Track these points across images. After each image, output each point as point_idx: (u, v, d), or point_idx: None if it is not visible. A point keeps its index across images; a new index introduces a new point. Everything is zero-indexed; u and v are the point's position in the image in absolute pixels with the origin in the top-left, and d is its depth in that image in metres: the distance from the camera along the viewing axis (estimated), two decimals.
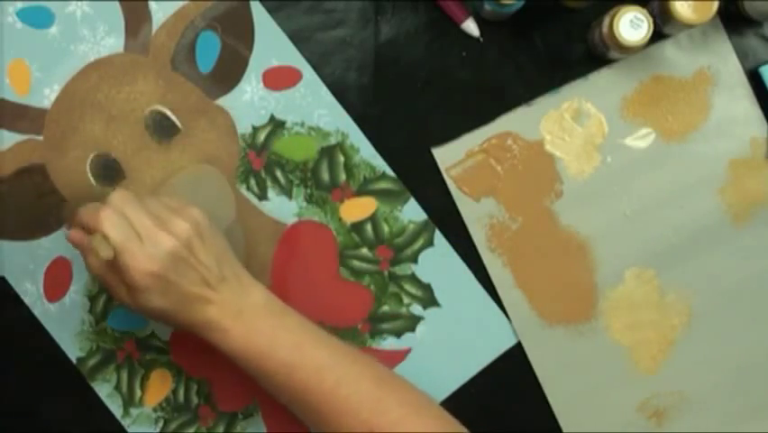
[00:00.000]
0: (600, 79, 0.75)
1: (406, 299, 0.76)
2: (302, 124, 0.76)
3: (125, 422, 0.78)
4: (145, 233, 0.62)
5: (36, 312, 0.78)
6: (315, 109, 0.76)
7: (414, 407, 0.64)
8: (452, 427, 0.65)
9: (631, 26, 0.69)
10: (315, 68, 0.76)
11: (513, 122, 0.75)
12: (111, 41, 0.76)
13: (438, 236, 0.76)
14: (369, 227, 0.76)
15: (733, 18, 0.74)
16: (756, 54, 0.75)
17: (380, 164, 0.76)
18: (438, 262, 0.76)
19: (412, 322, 0.77)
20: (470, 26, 0.75)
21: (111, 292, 0.65)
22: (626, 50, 0.71)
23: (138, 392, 0.78)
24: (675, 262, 0.76)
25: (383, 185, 0.76)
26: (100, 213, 0.62)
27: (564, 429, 0.76)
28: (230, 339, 0.64)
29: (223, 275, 0.65)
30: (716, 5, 0.68)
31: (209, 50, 0.76)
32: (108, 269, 0.64)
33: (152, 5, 0.75)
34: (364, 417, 0.61)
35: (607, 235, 0.76)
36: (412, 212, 0.76)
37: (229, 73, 0.76)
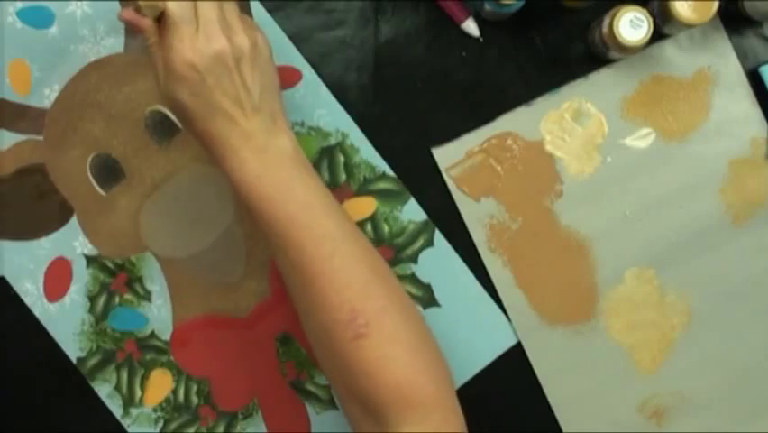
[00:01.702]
0: (600, 79, 0.75)
1: None
2: (302, 124, 0.76)
3: (125, 422, 0.78)
4: (205, 26, 0.59)
5: (36, 312, 0.78)
6: (315, 109, 0.76)
7: (397, 302, 0.62)
8: (422, 332, 0.63)
9: (631, 26, 0.69)
10: (315, 68, 0.76)
11: (513, 122, 0.75)
12: (111, 41, 0.76)
13: (438, 236, 0.76)
14: (369, 227, 0.76)
15: (733, 18, 0.74)
16: (756, 54, 0.75)
17: (380, 164, 0.76)
18: (438, 262, 0.76)
19: None
20: (470, 26, 0.75)
21: (152, 68, 0.63)
22: (626, 50, 0.71)
23: (138, 392, 0.78)
24: (675, 262, 0.76)
25: (383, 185, 0.76)
26: None
27: (564, 429, 0.76)
28: (243, 171, 0.61)
29: (259, 106, 0.62)
30: (716, 5, 0.68)
31: None
32: (157, 43, 0.61)
33: None
34: (348, 295, 0.60)
35: (607, 235, 0.76)
36: (412, 212, 0.76)
37: None
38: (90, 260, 0.78)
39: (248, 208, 0.62)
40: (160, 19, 0.61)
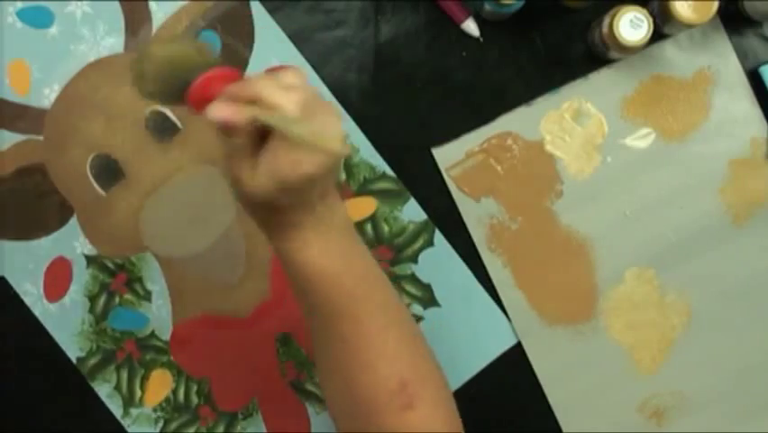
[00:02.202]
0: (600, 79, 0.75)
1: (406, 299, 0.76)
2: None
3: (125, 422, 0.78)
4: (321, 124, 0.53)
5: (36, 312, 0.78)
6: None
7: (434, 367, 0.62)
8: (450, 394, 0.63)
9: (631, 26, 0.69)
10: (315, 68, 0.76)
11: (513, 122, 0.75)
12: (111, 41, 0.76)
13: (438, 236, 0.76)
14: (369, 227, 0.76)
15: (733, 18, 0.74)
16: (756, 54, 0.75)
17: (380, 164, 0.76)
18: (438, 262, 0.76)
19: None
20: (470, 26, 0.75)
21: (228, 159, 0.56)
22: (626, 50, 0.71)
23: (138, 392, 0.78)
24: (675, 262, 0.76)
25: (383, 185, 0.76)
26: (289, 95, 0.52)
27: (564, 429, 0.76)
28: (307, 252, 0.57)
29: (333, 188, 0.59)
30: (716, 5, 0.68)
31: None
32: (249, 145, 0.54)
33: (152, 5, 0.75)
34: (398, 366, 0.59)
35: (607, 235, 0.76)
36: (412, 212, 0.76)
37: None
38: (90, 260, 0.78)
39: (303, 286, 0.59)
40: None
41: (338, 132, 0.54)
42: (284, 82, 0.53)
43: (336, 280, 0.59)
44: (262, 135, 0.53)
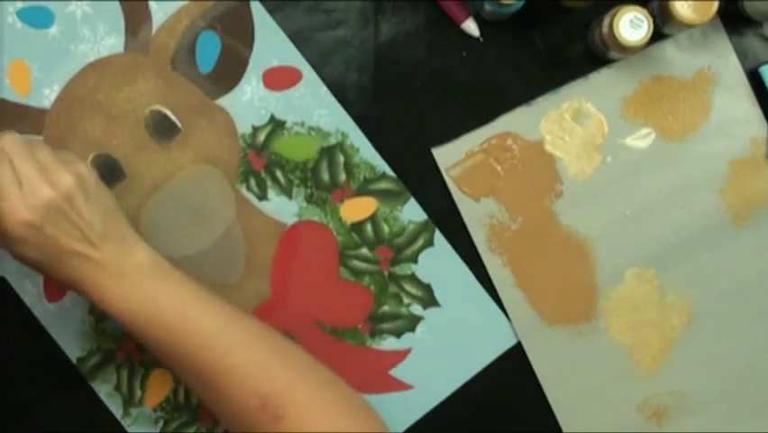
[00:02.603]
0: (600, 79, 0.75)
1: (406, 299, 0.76)
2: (302, 124, 0.76)
3: (125, 422, 0.78)
4: (26, 181, 0.59)
5: (36, 312, 0.78)
6: (315, 109, 0.76)
7: (302, 372, 0.63)
8: (340, 390, 0.64)
9: (631, 26, 0.69)
10: (315, 68, 0.76)
11: (513, 122, 0.75)
12: (111, 41, 0.76)
13: (438, 236, 0.76)
14: (369, 227, 0.76)
15: (733, 18, 0.74)
16: (756, 54, 0.75)
17: (380, 164, 0.76)
18: (438, 262, 0.76)
19: (412, 322, 0.76)
20: (470, 26, 0.75)
21: None
22: (626, 50, 0.71)
23: (138, 392, 0.78)
24: (675, 262, 0.76)
25: (383, 185, 0.76)
26: None
27: (564, 429, 0.76)
28: (110, 299, 0.62)
29: (105, 233, 0.62)
30: (716, 5, 0.68)
31: (209, 50, 0.76)
32: None
33: (152, 5, 0.75)
34: (252, 383, 0.60)
35: (607, 235, 0.76)
36: (412, 212, 0.76)
37: (229, 73, 0.76)
38: None
39: (131, 334, 0.63)
40: None
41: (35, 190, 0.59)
42: None
43: (152, 322, 0.61)
44: None
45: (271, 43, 0.76)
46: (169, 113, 0.76)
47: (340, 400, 0.63)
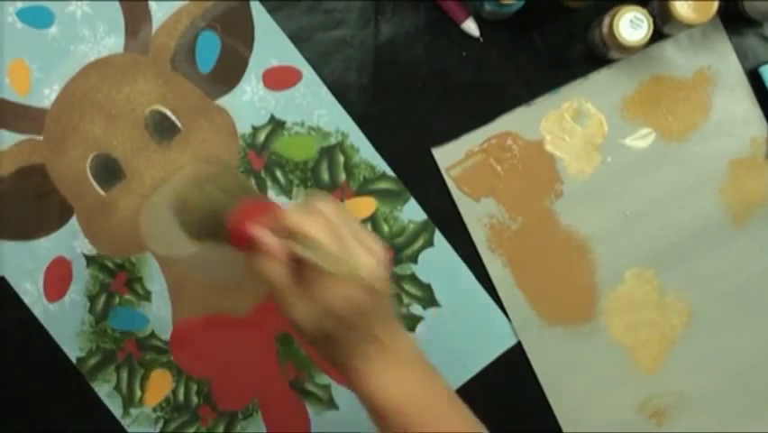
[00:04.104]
0: (600, 79, 0.75)
1: (406, 299, 0.76)
2: (302, 124, 0.76)
3: (125, 422, 0.78)
4: (353, 252, 0.54)
5: (36, 312, 0.78)
6: (315, 109, 0.76)
7: None
8: None
9: (631, 26, 0.69)
10: (315, 68, 0.76)
11: (513, 122, 0.75)
12: (111, 41, 0.76)
13: (438, 236, 0.76)
14: (369, 227, 0.76)
15: (733, 18, 0.74)
16: (756, 54, 0.75)
17: (380, 164, 0.76)
18: (438, 262, 0.76)
19: (412, 322, 0.76)
20: (470, 26, 0.75)
21: (277, 297, 0.56)
22: (626, 50, 0.71)
23: (138, 392, 0.78)
24: (675, 262, 0.76)
25: (383, 185, 0.76)
26: (315, 221, 0.54)
27: (564, 429, 0.76)
28: (378, 381, 0.57)
29: (392, 314, 0.58)
30: (716, 5, 0.68)
31: (209, 50, 0.76)
32: (289, 276, 0.55)
33: (152, 5, 0.75)
34: None
35: (607, 235, 0.76)
36: (412, 212, 0.76)
37: (229, 73, 0.76)
38: (90, 260, 0.78)
39: (376, 415, 0.58)
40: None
41: (367, 260, 0.53)
42: (309, 209, 0.54)
43: (408, 411, 0.57)
44: (301, 268, 0.54)
45: (271, 43, 0.76)
46: (169, 113, 0.76)
47: None
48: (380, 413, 0.58)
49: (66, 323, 0.78)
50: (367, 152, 0.76)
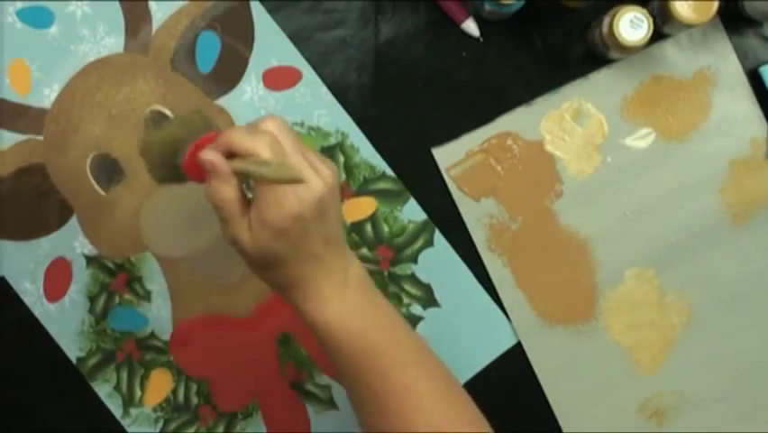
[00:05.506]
0: (600, 79, 0.75)
1: (406, 299, 0.76)
2: (302, 124, 0.76)
3: (125, 422, 0.78)
4: (298, 168, 0.54)
5: (36, 312, 0.78)
6: (315, 109, 0.76)
7: (475, 413, 0.60)
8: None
9: (631, 26, 0.69)
10: (315, 68, 0.76)
11: (513, 122, 0.75)
12: (111, 41, 0.76)
13: (438, 236, 0.76)
14: (368, 227, 0.76)
15: (733, 18, 0.74)
16: (756, 54, 0.75)
17: (380, 164, 0.76)
18: (438, 262, 0.76)
19: (412, 322, 0.76)
20: (470, 26, 0.75)
21: (225, 225, 0.57)
22: (626, 50, 0.71)
23: (138, 392, 0.78)
24: (675, 262, 0.76)
25: (383, 185, 0.76)
26: (258, 138, 0.54)
27: (564, 429, 0.76)
28: (327, 310, 0.57)
29: (337, 237, 0.57)
30: (716, 5, 0.68)
31: (209, 50, 0.76)
32: (237, 200, 0.55)
33: (152, 5, 0.75)
34: (436, 418, 0.57)
35: (607, 235, 0.76)
36: (412, 212, 0.76)
37: (229, 73, 0.76)
38: (90, 260, 0.78)
39: (328, 347, 0.58)
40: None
41: (309, 173, 0.54)
42: (254, 128, 0.55)
43: (360, 336, 0.57)
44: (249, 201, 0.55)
45: (271, 43, 0.76)
46: (169, 113, 0.76)
47: None
48: (331, 344, 0.58)
49: (66, 323, 0.78)
50: (367, 152, 0.76)
